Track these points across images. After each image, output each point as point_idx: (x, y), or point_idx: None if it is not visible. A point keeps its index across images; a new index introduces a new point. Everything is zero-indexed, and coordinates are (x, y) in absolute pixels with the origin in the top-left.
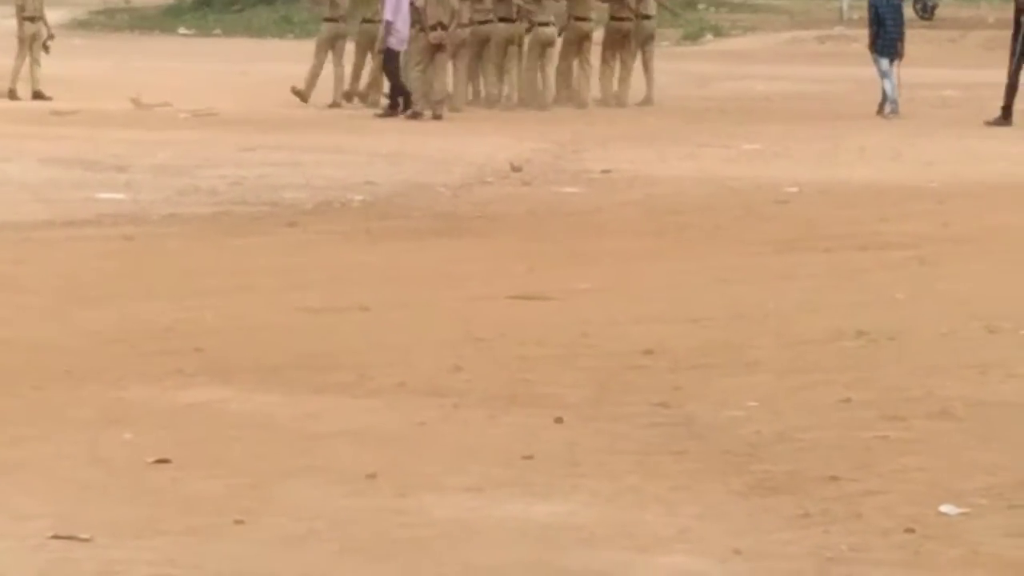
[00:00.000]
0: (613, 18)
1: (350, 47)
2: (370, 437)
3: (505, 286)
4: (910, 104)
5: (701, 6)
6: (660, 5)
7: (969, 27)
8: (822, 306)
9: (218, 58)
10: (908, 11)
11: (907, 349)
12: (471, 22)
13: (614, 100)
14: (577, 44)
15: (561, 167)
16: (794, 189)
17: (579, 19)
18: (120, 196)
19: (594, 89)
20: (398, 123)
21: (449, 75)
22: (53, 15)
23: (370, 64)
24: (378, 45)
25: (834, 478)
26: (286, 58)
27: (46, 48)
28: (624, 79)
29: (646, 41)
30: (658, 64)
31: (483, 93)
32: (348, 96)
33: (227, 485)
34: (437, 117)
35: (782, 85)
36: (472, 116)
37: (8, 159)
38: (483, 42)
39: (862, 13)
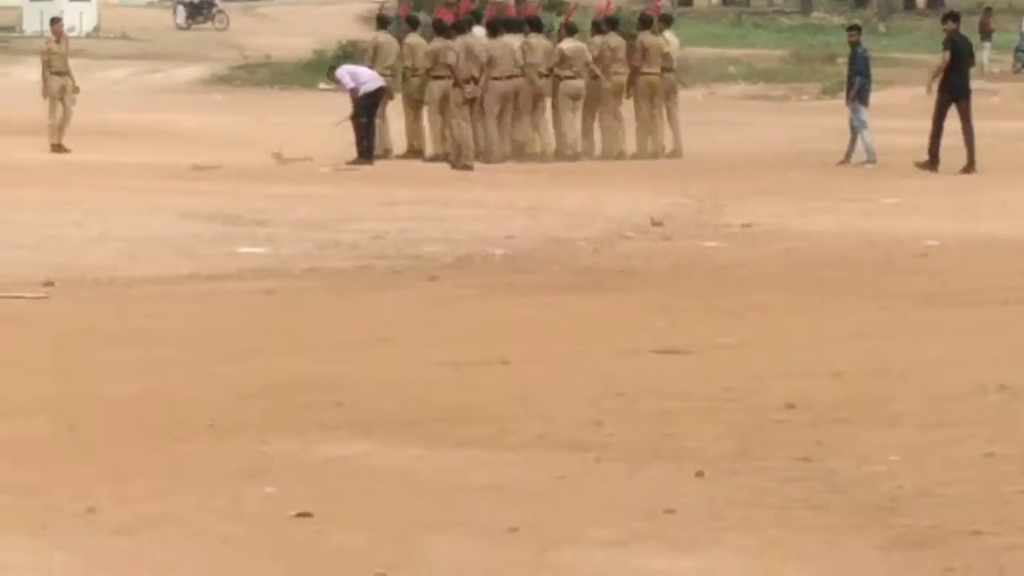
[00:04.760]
0: (642, 72)
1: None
2: (511, 491)
3: (646, 340)
4: None
5: (840, 60)
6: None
7: None
8: (964, 360)
9: None
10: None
11: None
12: (510, 75)
13: (648, 153)
14: (610, 97)
15: (702, 221)
16: (934, 243)
17: (644, 73)
18: (261, 250)
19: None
20: (536, 177)
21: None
22: (195, 71)
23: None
24: (351, 112)
25: (976, 533)
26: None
27: (73, 99)
28: (654, 131)
29: (670, 93)
30: (799, 118)
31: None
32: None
33: (369, 539)
34: (467, 168)
35: (922, 139)
36: (610, 170)
37: (150, 214)
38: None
39: (1003, 66)
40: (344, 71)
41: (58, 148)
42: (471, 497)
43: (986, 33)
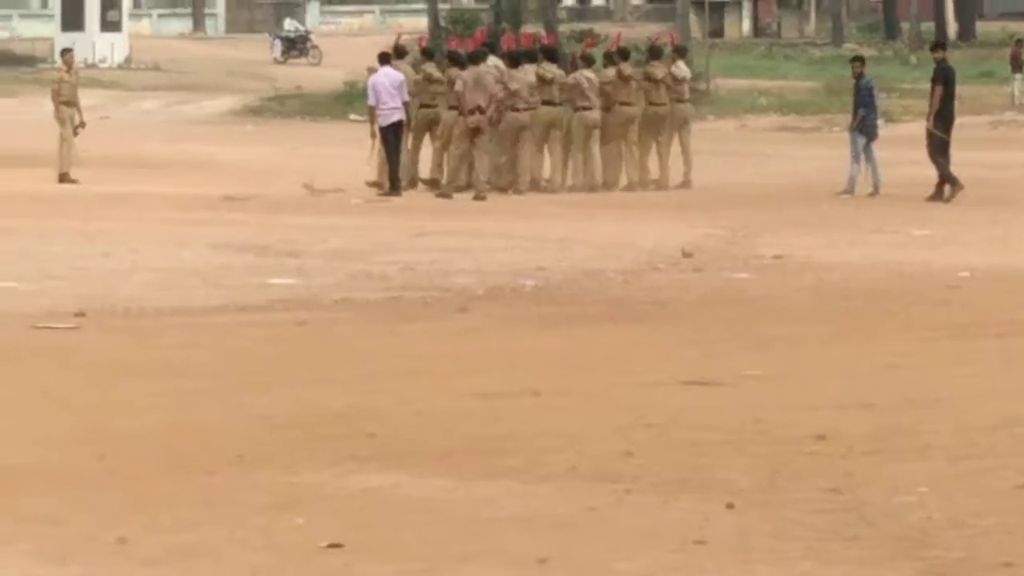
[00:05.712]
0: (650, 103)
1: None
2: (541, 522)
3: (677, 372)
4: None
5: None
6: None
7: None
8: (995, 392)
9: None
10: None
11: None
12: (529, 106)
13: (653, 184)
14: (621, 128)
15: (732, 253)
16: (966, 274)
17: (622, 104)
18: (292, 281)
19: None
20: (566, 208)
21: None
22: (226, 102)
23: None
24: (370, 130)
25: (1008, 564)
26: None
27: (76, 132)
28: (662, 162)
29: (683, 124)
30: (831, 151)
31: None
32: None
33: (399, 570)
34: (480, 198)
35: (953, 171)
36: (640, 201)
37: (181, 245)
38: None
39: None
40: (372, 85)
41: (65, 178)
42: (501, 528)
43: (1017, 65)
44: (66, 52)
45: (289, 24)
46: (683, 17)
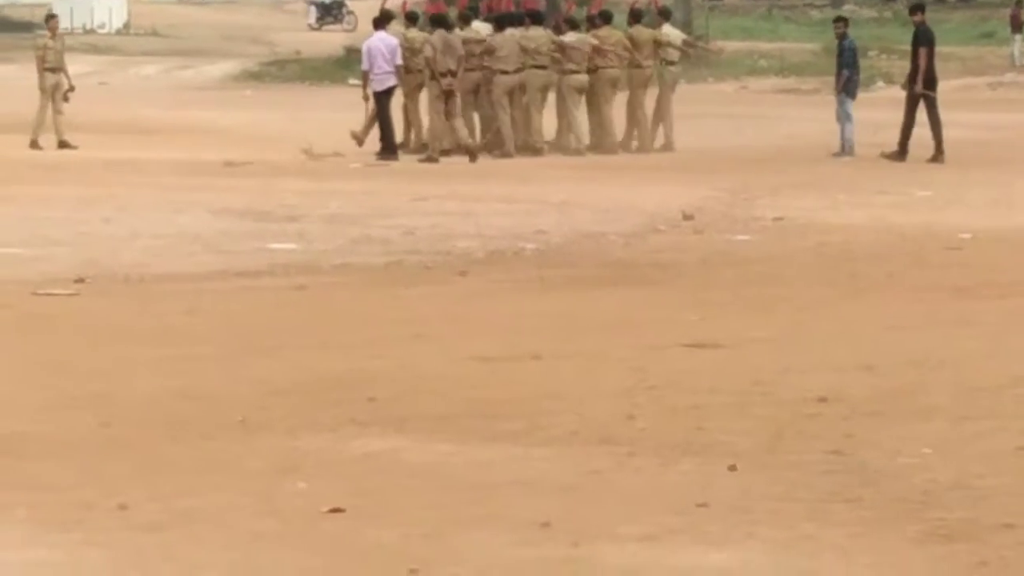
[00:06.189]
0: (633, 66)
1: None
2: (543, 486)
3: (678, 334)
4: None
5: (872, 53)
6: (687, 46)
7: None
8: (997, 353)
9: None
10: None
11: None
12: (517, 69)
13: (635, 146)
14: (603, 91)
15: (733, 215)
16: (967, 236)
17: (604, 67)
18: (292, 246)
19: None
20: (567, 172)
21: (466, 121)
22: (225, 67)
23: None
24: (362, 94)
25: (1010, 526)
26: None
27: (66, 98)
28: (641, 126)
29: (668, 87)
30: (831, 113)
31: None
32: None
33: (401, 534)
34: (432, 160)
35: (954, 132)
36: (641, 164)
37: (181, 210)
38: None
39: None
40: (367, 50)
41: (65, 144)
42: (503, 492)
43: (1017, 26)
44: (51, 18)
45: None
46: None
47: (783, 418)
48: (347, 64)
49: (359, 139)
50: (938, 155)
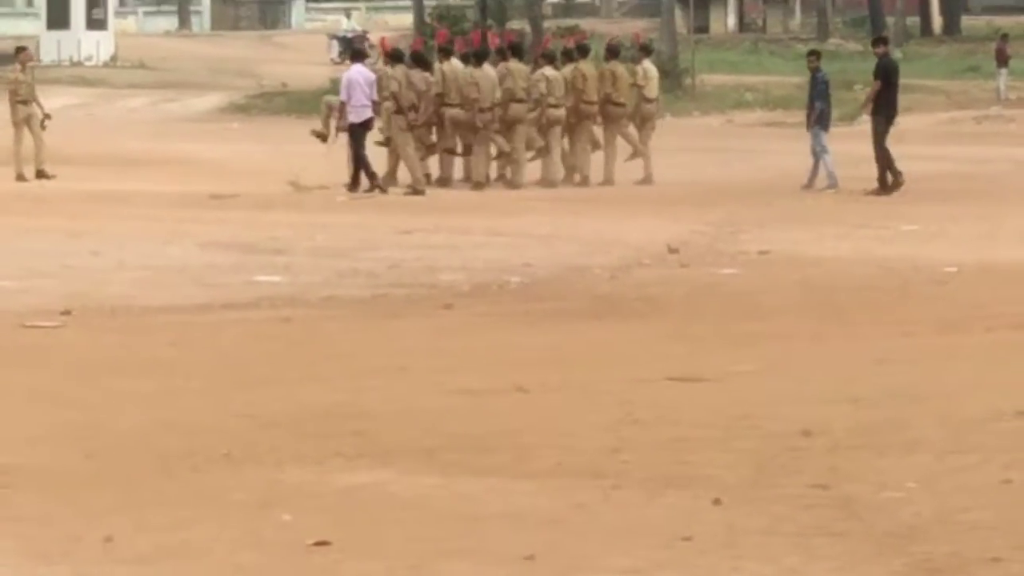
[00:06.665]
0: (609, 102)
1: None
2: (528, 519)
3: (664, 368)
4: None
5: (857, 87)
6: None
7: None
8: (981, 386)
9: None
10: None
11: None
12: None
13: (605, 179)
14: (579, 125)
15: (719, 249)
16: (953, 269)
17: (584, 102)
18: (278, 279)
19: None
20: (552, 205)
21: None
22: (212, 99)
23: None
24: (337, 124)
25: (996, 559)
26: None
27: (43, 126)
28: (611, 158)
29: (644, 122)
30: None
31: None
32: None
33: (387, 567)
34: (418, 193)
35: (939, 165)
36: (627, 197)
37: (167, 243)
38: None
39: (1019, 92)
40: (347, 81)
41: (42, 174)
42: (488, 525)
43: (1002, 60)
44: (20, 50)
45: (347, 24)
46: (668, 13)
47: (768, 451)
48: (334, 96)
49: (322, 136)
50: (881, 189)
